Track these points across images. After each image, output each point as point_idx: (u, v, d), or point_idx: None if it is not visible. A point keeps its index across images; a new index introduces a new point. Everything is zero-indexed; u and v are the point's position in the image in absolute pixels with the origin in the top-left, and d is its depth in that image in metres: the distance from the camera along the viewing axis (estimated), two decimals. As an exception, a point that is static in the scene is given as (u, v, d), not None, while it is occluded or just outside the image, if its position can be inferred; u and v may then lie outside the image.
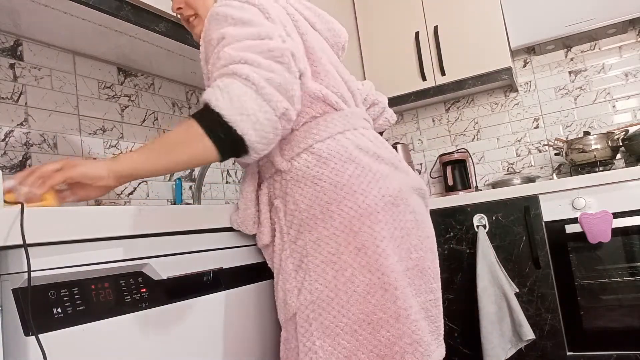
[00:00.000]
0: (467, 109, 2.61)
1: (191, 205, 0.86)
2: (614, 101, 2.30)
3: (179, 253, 0.83)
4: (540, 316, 1.84)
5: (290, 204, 0.84)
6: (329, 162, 0.82)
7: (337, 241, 0.80)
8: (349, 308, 0.78)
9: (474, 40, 2.27)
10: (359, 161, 0.83)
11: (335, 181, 0.81)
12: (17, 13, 1.21)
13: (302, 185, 0.83)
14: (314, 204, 0.81)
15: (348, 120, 0.88)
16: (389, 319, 0.78)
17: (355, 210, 0.80)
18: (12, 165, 1.28)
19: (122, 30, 1.36)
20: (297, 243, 0.83)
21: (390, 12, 2.47)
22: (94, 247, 0.69)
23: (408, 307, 0.79)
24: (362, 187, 0.81)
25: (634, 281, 1.73)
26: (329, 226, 0.80)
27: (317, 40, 0.91)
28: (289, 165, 0.85)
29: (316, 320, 0.79)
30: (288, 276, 0.83)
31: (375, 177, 0.82)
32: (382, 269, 0.78)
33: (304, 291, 0.81)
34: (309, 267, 0.81)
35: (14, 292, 0.61)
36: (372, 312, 0.78)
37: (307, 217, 0.82)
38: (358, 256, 0.79)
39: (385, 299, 0.78)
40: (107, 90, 1.59)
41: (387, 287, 0.78)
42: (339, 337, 0.78)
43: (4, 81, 1.30)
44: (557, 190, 1.83)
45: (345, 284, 0.78)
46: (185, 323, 0.81)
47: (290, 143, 0.85)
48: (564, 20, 2.13)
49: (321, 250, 0.80)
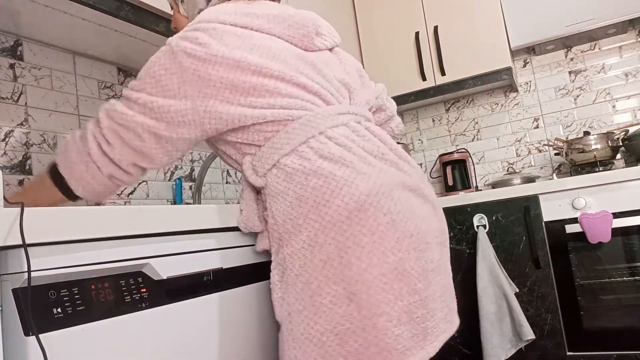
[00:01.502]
0: (467, 109, 2.61)
1: (191, 205, 0.86)
2: (614, 101, 2.30)
3: (179, 253, 0.83)
4: (540, 316, 1.84)
5: (270, 218, 0.86)
6: (294, 177, 0.83)
7: (305, 254, 0.81)
8: (316, 320, 0.79)
9: (474, 40, 2.27)
10: (321, 171, 0.82)
11: (299, 195, 0.82)
12: (17, 13, 1.21)
13: (276, 200, 0.85)
14: (287, 218, 0.83)
15: (311, 125, 0.86)
16: (355, 329, 0.78)
17: (319, 223, 0.80)
18: (12, 165, 1.28)
19: (122, 30, 1.36)
20: (278, 256, 0.85)
21: (390, 12, 2.47)
22: (94, 247, 0.69)
23: (374, 315, 0.78)
24: (325, 198, 0.80)
25: (634, 281, 1.73)
26: (298, 240, 0.81)
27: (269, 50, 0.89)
28: (263, 181, 0.87)
29: (290, 331, 0.81)
30: (274, 286, 0.86)
31: (339, 185, 0.80)
32: (346, 279, 0.78)
33: (284, 302, 0.83)
34: (287, 280, 0.83)
35: (14, 292, 0.61)
36: (339, 323, 0.78)
37: (283, 231, 0.84)
38: (324, 269, 0.79)
39: (350, 309, 0.78)
40: (107, 90, 1.59)
41: (352, 297, 0.78)
42: (308, 347, 0.79)
43: (4, 81, 1.30)
44: (557, 190, 1.83)
45: (311, 296, 0.79)
46: (185, 323, 0.81)
47: (260, 160, 0.87)
48: (564, 20, 2.13)
49: (294, 263, 0.82)
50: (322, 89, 0.92)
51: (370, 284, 0.78)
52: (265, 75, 0.86)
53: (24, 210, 0.59)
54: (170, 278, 0.80)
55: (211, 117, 0.85)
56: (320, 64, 0.95)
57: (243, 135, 0.88)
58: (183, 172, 1.84)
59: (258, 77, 0.85)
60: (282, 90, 0.87)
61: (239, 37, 0.87)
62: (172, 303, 0.79)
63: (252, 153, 0.89)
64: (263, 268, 1.02)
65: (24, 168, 1.31)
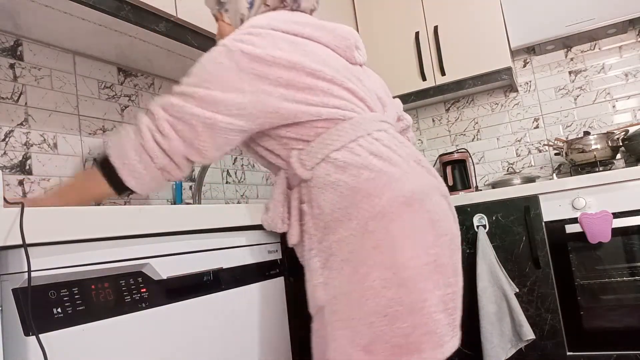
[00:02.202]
0: (467, 109, 2.61)
1: (191, 205, 0.86)
2: (614, 101, 2.30)
3: (179, 253, 0.83)
4: (540, 316, 1.84)
5: (316, 209, 0.91)
6: (346, 169, 0.89)
7: (355, 241, 0.86)
8: (364, 302, 0.84)
9: (474, 40, 2.27)
10: (372, 167, 0.89)
11: (351, 186, 0.88)
12: (17, 13, 1.21)
13: (324, 191, 0.90)
14: (335, 207, 0.88)
15: (360, 126, 0.94)
16: (403, 312, 0.83)
17: (370, 212, 0.86)
18: (12, 165, 1.29)
19: (122, 30, 1.36)
20: (322, 243, 0.90)
21: (390, 12, 2.47)
22: (94, 247, 0.69)
23: (422, 300, 0.84)
24: (377, 190, 0.87)
25: (634, 281, 1.73)
26: (348, 227, 0.86)
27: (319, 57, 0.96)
28: (310, 174, 0.92)
29: (338, 312, 0.86)
30: (314, 272, 0.90)
31: (389, 180, 0.88)
32: (396, 265, 0.84)
33: (328, 287, 0.87)
34: (332, 265, 0.87)
35: (14, 292, 0.61)
36: (388, 305, 0.83)
37: (330, 220, 0.88)
38: (373, 254, 0.84)
39: (400, 293, 0.83)
40: (107, 90, 1.59)
41: (402, 282, 0.83)
42: (357, 328, 0.84)
43: (4, 81, 1.30)
44: (557, 190, 1.83)
45: (360, 280, 0.84)
46: (185, 323, 0.81)
47: (309, 154, 0.93)
48: (564, 20, 2.13)
49: (342, 249, 0.87)
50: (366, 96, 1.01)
51: (417, 271, 0.84)
52: (319, 78, 0.93)
53: (24, 210, 0.59)
54: (170, 278, 0.80)
55: (268, 111, 0.91)
56: (360, 75, 1.04)
57: (295, 129, 0.94)
58: (183, 172, 1.84)
59: (312, 79, 0.93)
60: (334, 92, 0.94)
61: (291, 42, 0.94)
62: (172, 303, 0.79)
63: (300, 148, 0.94)
64: (263, 268, 1.02)
65: (24, 168, 1.31)
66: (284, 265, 1.10)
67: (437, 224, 0.90)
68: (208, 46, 1.52)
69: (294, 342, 1.08)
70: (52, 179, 1.37)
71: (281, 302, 1.06)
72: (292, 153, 0.94)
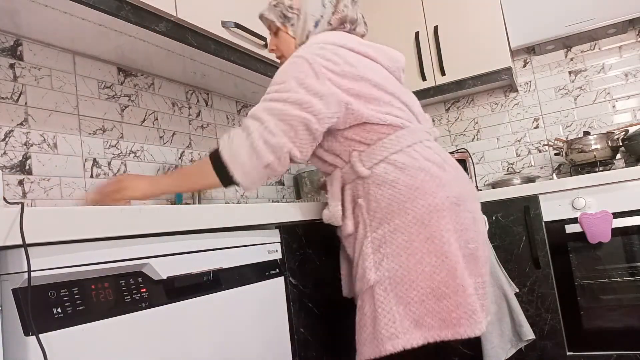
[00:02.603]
0: (467, 109, 2.61)
1: (191, 205, 0.86)
2: (614, 101, 2.30)
3: (179, 253, 0.83)
4: (540, 316, 1.84)
5: (372, 202, 1.06)
6: (404, 170, 1.05)
7: (410, 231, 1.02)
8: (418, 283, 1.01)
9: (474, 40, 2.27)
10: (427, 169, 1.06)
11: (409, 184, 1.04)
12: (17, 13, 1.21)
13: (382, 187, 1.05)
14: (392, 202, 1.04)
15: (415, 135, 1.10)
16: (450, 293, 1.00)
17: (425, 207, 1.02)
18: (12, 165, 1.29)
19: (122, 30, 1.36)
20: (377, 232, 1.04)
21: (390, 12, 2.47)
22: (94, 247, 0.69)
23: (465, 284, 1.01)
24: (432, 189, 1.04)
25: (634, 281, 1.73)
26: (404, 219, 1.03)
27: (380, 74, 1.13)
28: (369, 172, 1.07)
29: (392, 291, 1.01)
30: (367, 257, 1.04)
31: (442, 182, 1.05)
32: (446, 254, 1.01)
33: (381, 269, 1.02)
34: (386, 250, 1.03)
35: (14, 292, 0.61)
36: (437, 287, 1.00)
37: (386, 212, 1.04)
38: (427, 243, 1.01)
39: (448, 277, 1.00)
40: (107, 90, 1.59)
41: (449, 268, 1.00)
42: (410, 305, 1.00)
43: (4, 81, 1.30)
44: (557, 190, 1.83)
45: (415, 265, 1.01)
46: (185, 323, 0.81)
47: (368, 155, 1.08)
48: (564, 20, 2.13)
49: (397, 237, 1.03)
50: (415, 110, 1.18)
51: (459, 260, 1.02)
52: (383, 90, 1.10)
53: (24, 210, 0.59)
54: (170, 278, 0.80)
55: (348, 112, 1.06)
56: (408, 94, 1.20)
57: (362, 133, 1.09)
58: (183, 172, 1.84)
59: (378, 91, 1.09)
60: (394, 104, 1.11)
61: (359, 60, 1.10)
62: (172, 303, 0.79)
63: (361, 150, 1.09)
64: (263, 268, 1.02)
65: (24, 168, 1.31)
66: (284, 265, 1.10)
67: (476, 223, 1.09)
68: (208, 46, 1.52)
69: (293, 342, 1.08)
70: (52, 179, 1.37)
71: (281, 302, 1.06)
72: (352, 154, 1.09)
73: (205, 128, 2.00)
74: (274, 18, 1.22)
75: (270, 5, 1.24)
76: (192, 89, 1.97)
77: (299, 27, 1.20)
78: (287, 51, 1.23)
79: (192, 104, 1.95)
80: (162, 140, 1.77)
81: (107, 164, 1.54)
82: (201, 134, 1.97)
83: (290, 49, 1.22)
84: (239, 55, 1.67)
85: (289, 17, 1.21)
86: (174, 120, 1.85)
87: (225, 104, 2.15)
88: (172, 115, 1.84)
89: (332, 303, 1.25)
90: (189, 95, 1.95)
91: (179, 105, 1.88)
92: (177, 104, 1.88)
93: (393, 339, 0.99)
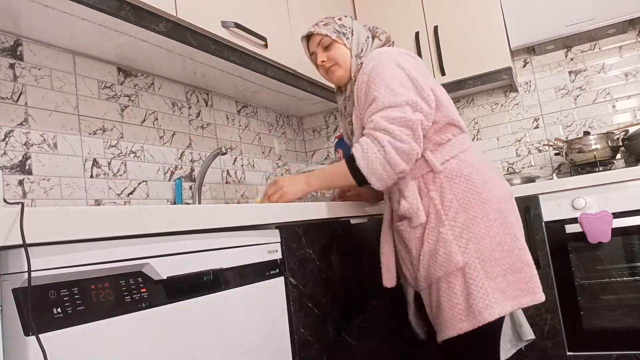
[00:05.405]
0: (467, 109, 2.61)
1: (191, 205, 0.86)
2: (614, 101, 2.30)
3: (179, 253, 0.83)
4: (540, 316, 1.84)
5: (447, 194, 1.21)
6: (474, 166, 1.23)
7: (489, 217, 1.19)
8: (500, 260, 1.18)
9: (474, 40, 2.27)
10: (490, 166, 1.27)
11: (482, 178, 1.22)
12: (17, 13, 1.21)
13: (456, 180, 1.21)
14: (468, 193, 1.20)
15: (469, 140, 1.30)
16: (523, 267, 1.20)
17: (499, 197, 1.22)
18: (12, 165, 1.29)
19: (122, 30, 1.36)
20: (456, 220, 1.19)
21: (390, 12, 2.47)
22: (94, 247, 0.69)
23: (531, 261, 1.23)
24: (497, 183, 1.25)
25: (634, 281, 1.73)
26: (482, 208, 1.19)
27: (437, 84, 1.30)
28: (442, 167, 1.23)
29: (482, 269, 1.17)
30: (449, 243, 1.18)
31: (498, 178, 1.27)
32: (516, 235, 1.22)
33: (468, 251, 1.17)
34: (469, 235, 1.18)
35: (14, 292, 0.61)
36: (514, 263, 1.19)
37: (463, 202, 1.20)
38: (502, 227, 1.20)
39: (520, 255, 1.20)
40: (107, 90, 1.59)
41: (520, 246, 1.21)
42: (496, 279, 1.17)
43: (4, 81, 1.30)
44: (557, 190, 1.83)
45: (497, 246, 1.18)
46: (185, 323, 0.81)
47: (440, 152, 1.24)
48: (564, 20, 2.13)
49: (478, 223, 1.19)
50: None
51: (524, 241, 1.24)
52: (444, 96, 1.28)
53: (24, 210, 0.59)
54: (170, 278, 0.80)
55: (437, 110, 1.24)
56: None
57: (439, 133, 1.25)
58: (183, 172, 1.84)
59: (444, 98, 1.28)
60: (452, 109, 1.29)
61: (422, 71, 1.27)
62: (172, 303, 0.79)
63: (432, 149, 1.24)
64: (263, 268, 1.02)
65: (24, 168, 1.31)
66: (284, 265, 1.10)
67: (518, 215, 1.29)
68: (208, 46, 1.52)
69: (293, 342, 1.08)
70: (52, 179, 1.37)
71: (281, 302, 1.06)
72: (426, 152, 1.23)
73: (205, 128, 2.00)
74: (328, 33, 1.36)
75: (320, 24, 1.39)
76: (192, 89, 1.97)
77: (353, 41, 1.37)
78: (344, 60, 1.37)
79: (192, 104, 1.95)
80: (162, 140, 1.77)
81: (107, 164, 1.54)
82: (201, 134, 1.97)
83: (347, 58, 1.37)
84: (239, 55, 1.67)
85: (344, 33, 1.37)
86: (174, 120, 1.85)
87: (225, 104, 2.15)
88: (172, 115, 1.84)
89: (332, 303, 1.25)
90: (189, 95, 1.95)
91: (179, 105, 1.88)
92: (177, 104, 1.88)
93: (489, 309, 1.13)
